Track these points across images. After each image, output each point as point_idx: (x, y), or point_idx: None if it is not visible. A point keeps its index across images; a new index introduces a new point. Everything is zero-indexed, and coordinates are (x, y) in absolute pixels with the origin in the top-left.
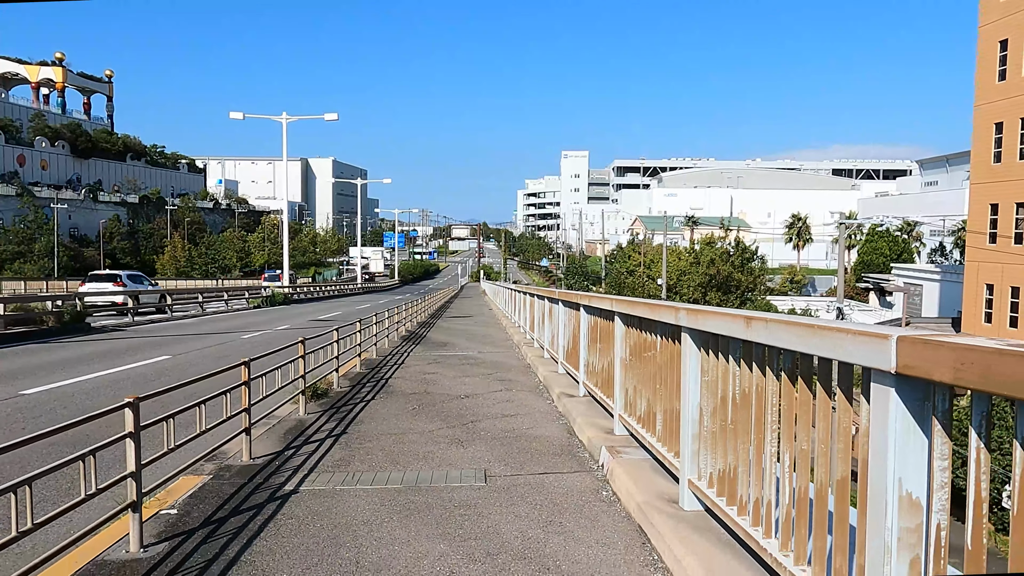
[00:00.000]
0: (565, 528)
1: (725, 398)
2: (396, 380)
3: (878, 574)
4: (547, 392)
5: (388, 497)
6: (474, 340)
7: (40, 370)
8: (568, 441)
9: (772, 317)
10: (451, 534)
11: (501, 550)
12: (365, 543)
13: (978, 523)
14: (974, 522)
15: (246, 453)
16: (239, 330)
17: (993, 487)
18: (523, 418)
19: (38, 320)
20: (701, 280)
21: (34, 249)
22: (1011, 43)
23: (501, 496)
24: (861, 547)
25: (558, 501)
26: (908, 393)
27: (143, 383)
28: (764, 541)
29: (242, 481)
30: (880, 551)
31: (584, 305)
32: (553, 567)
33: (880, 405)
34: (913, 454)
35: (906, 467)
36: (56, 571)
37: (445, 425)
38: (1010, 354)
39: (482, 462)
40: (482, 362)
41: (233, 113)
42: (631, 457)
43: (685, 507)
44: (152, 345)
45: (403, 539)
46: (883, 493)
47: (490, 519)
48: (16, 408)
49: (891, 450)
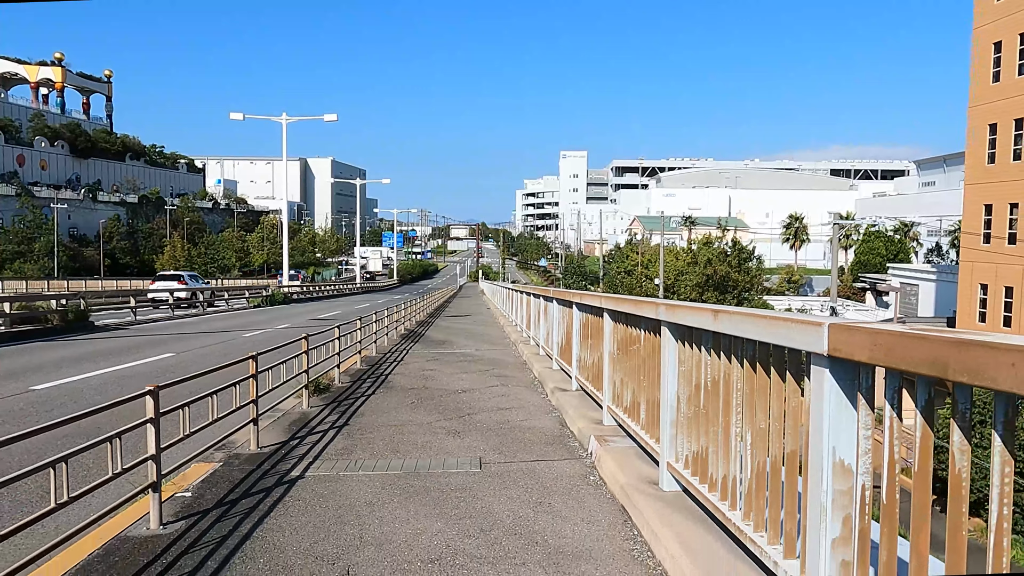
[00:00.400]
0: (554, 508)
1: (698, 385)
2: (396, 376)
3: (816, 532)
4: (542, 387)
5: (389, 482)
6: (472, 338)
7: (47, 367)
8: (560, 432)
9: (735, 310)
10: (447, 514)
11: (494, 527)
12: (368, 521)
13: (891, 482)
14: (888, 481)
15: (254, 442)
16: (240, 329)
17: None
18: (518, 411)
19: (43, 319)
20: (698, 280)
21: (34, 249)
22: (1005, 45)
23: (495, 481)
24: (804, 510)
25: (548, 485)
26: (839, 372)
27: (149, 380)
28: (730, 513)
29: (251, 468)
30: (818, 512)
31: (576, 303)
32: (541, 541)
33: (817, 384)
34: (845, 426)
35: (839, 438)
36: (83, 545)
37: (443, 417)
38: (908, 336)
39: (477, 451)
40: (479, 359)
41: (233, 114)
42: (617, 445)
43: (664, 488)
44: (155, 343)
45: (403, 518)
46: (820, 461)
47: (484, 501)
48: (28, 403)
49: (826, 423)
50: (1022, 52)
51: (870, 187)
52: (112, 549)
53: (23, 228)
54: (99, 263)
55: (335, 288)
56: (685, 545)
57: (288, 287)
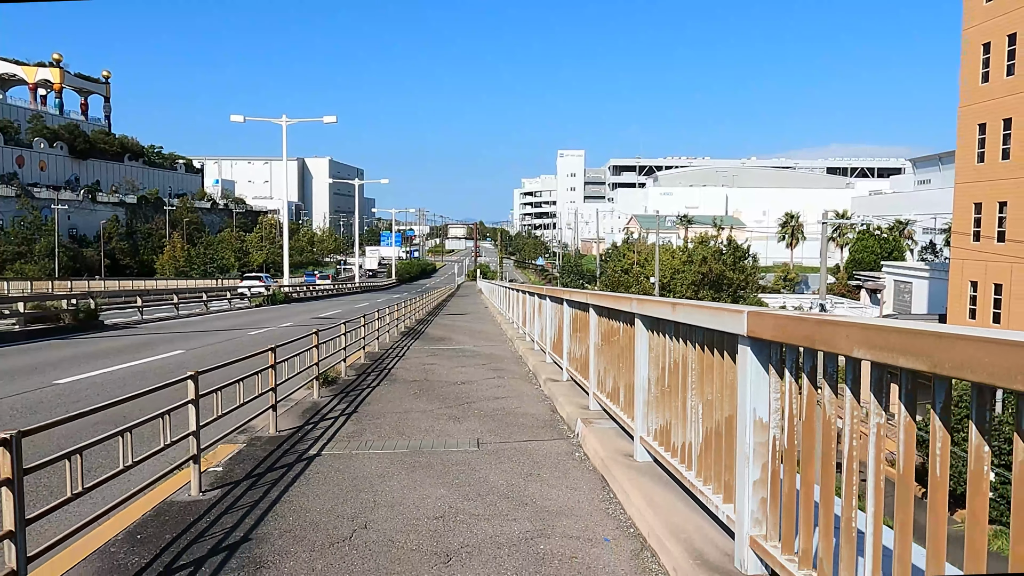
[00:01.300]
0: (542, 477)
1: (664, 368)
2: (398, 370)
3: (743, 477)
4: (535, 378)
5: (396, 458)
6: (470, 335)
7: (66, 363)
8: (551, 417)
9: (688, 303)
10: (449, 482)
11: (489, 492)
12: (380, 489)
13: (790, 430)
14: (788, 430)
15: (272, 427)
16: (245, 327)
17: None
18: (512, 400)
19: (55, 318)
20: (694, 278)
21: (34, 250)
22: (994, 46)
23: (491, 457)
24: (734, 460)
25: (538, 460)
26: (757, 349)
27: (165, 374)
28: (687, 472)
29: (272, 448)
30: (743, 460)
31: (566, 299)
32: (530, 503)
33: (741, 358)
34: (762, 390)
35: (758, 400)
36: (135, 509)
37: (443, 405)
38: (794, 319)
39: (475, 433)
40: (477, 354)
41: (234, 116)
42: (601, 426)
43: (637, 459)
44: (165, 341)
45: (410, 486)
46: (744, 419)
47: (481, 472)
48: (55, 394)
49: (748, 389)
50: (1011, 53)
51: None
52: (162, 510)
53: (23, 229)
54: (99, 263)
55: (334, 287)
56: (650, 502)
57: (319, 285)
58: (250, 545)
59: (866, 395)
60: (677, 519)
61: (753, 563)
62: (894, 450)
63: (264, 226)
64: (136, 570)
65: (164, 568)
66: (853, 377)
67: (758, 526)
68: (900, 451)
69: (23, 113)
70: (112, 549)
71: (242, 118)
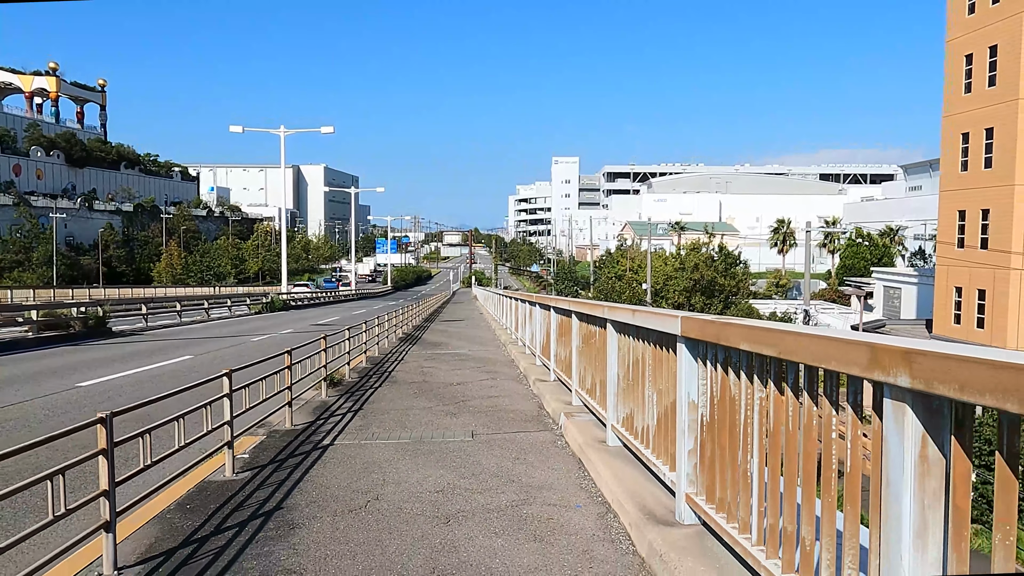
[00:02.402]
0: (527, 461)
1: (628, 365)
2: (398, 372)
3: (681, 447)
4: (526, 379)
5: (400, 447)
6: (465, 340)
7: (82, 367)
8: (538, 412)
9: (644, 309)
10: (447, 465)
11: (482, 473)
12: (388, 470)
13: (711, 405)
14: (709, 406)
15: (288, 421)
16: (246, 334)
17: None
18: (504, 398)
19: (65, 325)
20: (686, 285)
21: (32, 258)
22: (975, 58)
23: (483, 445)
24: (674, 435)
25: (524, 447)
26: (690, 346)
27: (179, 377)
28: (644, 450)
29: (290, 439)
30: (681, 435)
31: (553, 307)
32: (516, 480)
33: (679, 353)
34: (693, 378)
35: (691, 386)
36: (180, 486)
37: (441, 403)
38: (706, 321)
39: (470, 426)
40: (472, 358)
41: (233, 127)
42: (581, 419)
43: (610, 444)
44: (173, 347)
45: (413, 469)
46: (681, 401)
47: (475, 457)
48: (80, 395)
49: (683, 377)
50: (992, 64)
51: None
52: (202, 487)
53: (20, 238)
54: (96, 271)
55: (331, 294)
56: (616, 476)
57: (276, 294)
58: (282, 512)
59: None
60: (636, 488)
61: (688, 514)
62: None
63: (260, 234)
64: (191, 530)
65: (214, 528)
66: (747, 364)
67: (692, 485)
68: (770, 416)
69: (20, 122)
70: (167, 515)
71: (241, 129)
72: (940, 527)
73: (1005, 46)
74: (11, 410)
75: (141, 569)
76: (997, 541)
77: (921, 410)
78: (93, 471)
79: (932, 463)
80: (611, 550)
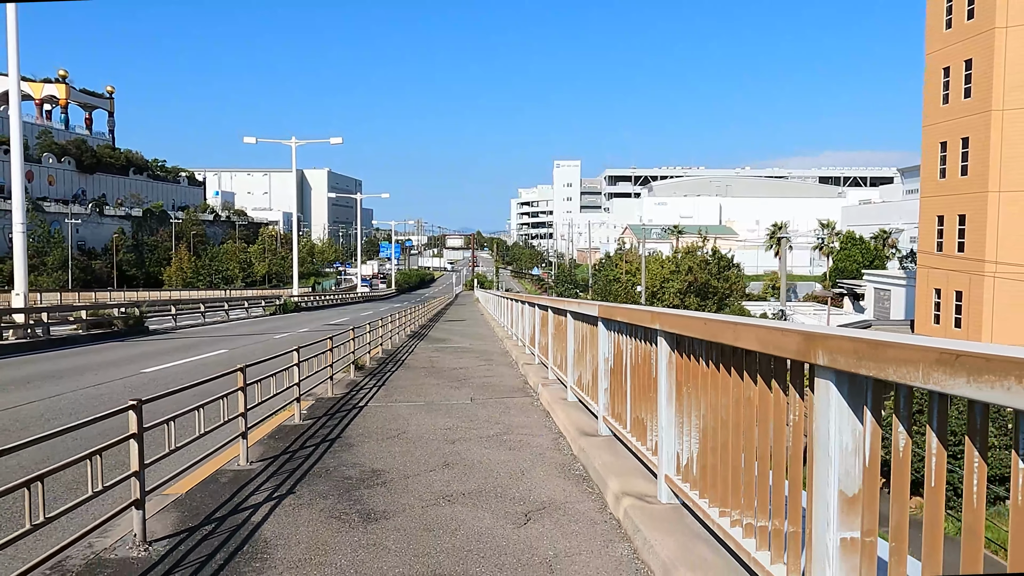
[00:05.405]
0: (510, 413)
1: (580, 340)
2: (410, 360)
3: (599, 387)
4: (516, 365)
5: (417, 407)
6: (467, 337)
7: (138, 359)
8: (523, 386)
9: (581, 302)
10: (452, 416)
11: (477, 420)
12: (410, 419)
13: (616, 359)
14: (615, 360)
15: (330, 391)
16: (269, 332)
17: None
18: (497, 377)
19: (108, 324)
20: (681, 287)
21: (47, 262)
22: (952, 70)
23: (479, 406)
24: (597, 381)
25: (509, 406)
26: (604, 323)
27: (220, 366)
28: (585, 397)
29: (333, 403)
30: (599, 379)
31: (537, 304)
32: (501, 423)
33: (599, 327)
34: (603, 343)
35: (604, 347)
36: (265, 427)
37: (446, 381)
38: (611, 307)
39: (469, 395)
40: (473, 350)
41: (247, 138)
42: (553, 388)
43: (568, 399)
44: (208, 343)
45: (428, 418)
46: (600, 358)
47: (473, 412)
48: (148, 379)
49: (599, 341)
50: (967, 77)
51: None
52: (281, 428)
53: (34, 243)
54: (108, 275)
55: (338, 297)
56: (569, 418)
57: (288, 295)
58: (341, 439)
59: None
60: (579, 422)
61: (604, 429)
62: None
63: (265, 238)
64: (285, 447)
65: (300, 445)
66: (627, 330)
67: (606, 410)
68: (632, 356)
69: (31, 129)
70: (266, 440)
71: (254, 139)
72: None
73: (979, 60)
74: (99, 388)
75: (263, 464)
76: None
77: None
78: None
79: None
80: (557, 453)
